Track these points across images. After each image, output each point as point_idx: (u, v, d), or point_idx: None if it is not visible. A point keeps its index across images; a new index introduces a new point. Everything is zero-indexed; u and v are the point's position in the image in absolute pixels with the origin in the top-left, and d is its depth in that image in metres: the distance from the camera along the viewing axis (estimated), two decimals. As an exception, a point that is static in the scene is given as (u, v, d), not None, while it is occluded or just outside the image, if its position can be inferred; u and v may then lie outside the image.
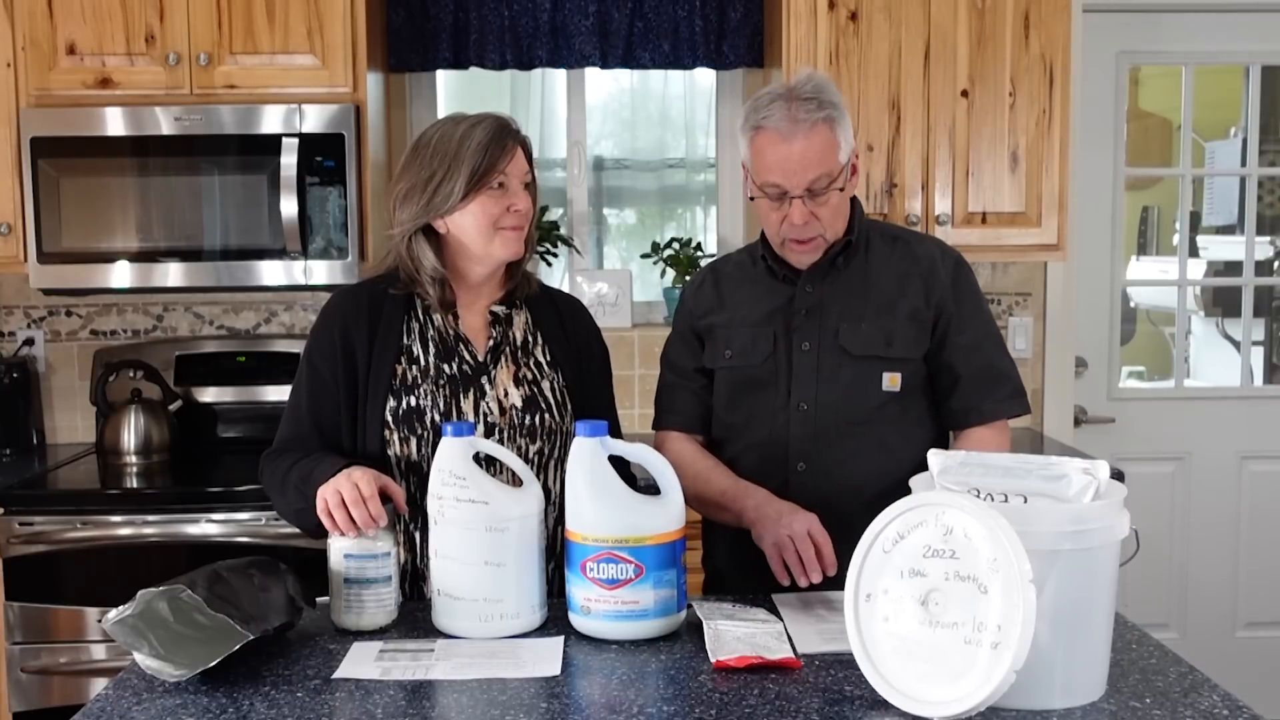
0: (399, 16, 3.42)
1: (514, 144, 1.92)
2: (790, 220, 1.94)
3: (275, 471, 1.92)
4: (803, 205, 1.92)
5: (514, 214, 1.91)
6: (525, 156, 1.96)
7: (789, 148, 1.90)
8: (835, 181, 1.93)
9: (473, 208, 1.89)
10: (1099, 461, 1.42)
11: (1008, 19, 3.13)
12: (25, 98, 3.04)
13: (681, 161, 3.79)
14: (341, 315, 1.97)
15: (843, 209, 1.99)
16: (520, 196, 1.92)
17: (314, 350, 1.97)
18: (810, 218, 1.94)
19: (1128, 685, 1.46)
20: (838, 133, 1.93)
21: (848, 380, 1.98)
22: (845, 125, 1.95)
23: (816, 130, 1.90)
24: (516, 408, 1.94)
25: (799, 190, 1.91)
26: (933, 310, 1.99)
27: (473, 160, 1.87)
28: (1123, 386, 3.84)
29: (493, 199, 1.90)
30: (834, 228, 1.98)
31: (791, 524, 1.81)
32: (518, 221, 1.92)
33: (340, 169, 3.03)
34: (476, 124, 1.91)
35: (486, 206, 1.90)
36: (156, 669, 1.51)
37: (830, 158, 1.92)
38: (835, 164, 1.92)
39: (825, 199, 1.93)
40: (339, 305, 2.00)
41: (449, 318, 1.97)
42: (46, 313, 3.47)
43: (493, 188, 1.89)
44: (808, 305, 2.01)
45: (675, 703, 1.43)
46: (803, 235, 1.95)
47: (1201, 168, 3.96)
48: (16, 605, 2.81)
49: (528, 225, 1.95)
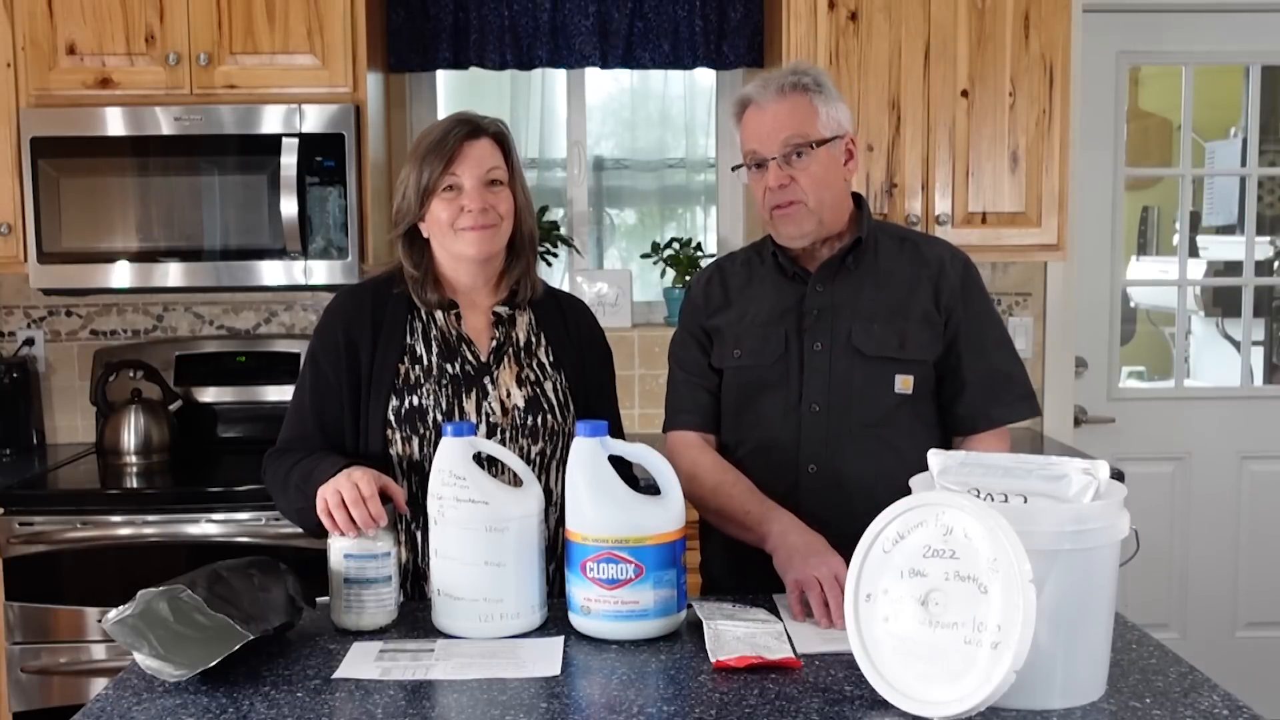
0: (399, 16, 3.42)
1: (466, 142, 1.91)
2: (767, 184, 1.95)
3: (277, 471, 1.92)
4: (779, 168, 1.94)
5: (468, 214, 1.90)
6: (501, 150, 1.94)
7: (763, 113, 1.96)
8: (812, 146, 1.93)
9: (432, 213, 1.92)
10: (1099, 461, 1.42)
11: (1008, 19, 3.13)
12: (25, 98, 3.04)
13: (681, 161, 3.79)
14: (345, 315, 1.97)
15: (829, 182, 1.97)
16: (474, 195, 1.90)
17: (318, 349, 1.97)
18: (788, 180, 1.94)
19: (1128, 685, 1.46)
20: (816, 102, 1.95)
21: (860, 382, 1.96)
22: (829, 101, 1.97)
23: (790, 96, 1.95)
24: (519, 408, 1.94)
25: (774, 152, 1.94)
26: (943, 313, 1.98)
27: (419, 169, 1.91)
28: (1123, 386, 3.84)
29: (444, 202, 1.91)
30: (817, 196, 1.95)
31: (820, 567, 1.76)
32: (474, 221, 1.90)
33: (340, 169, 3.03)
34: (434, 129, 1.94)
35: (439, 211, 1.91)
36: (156, 669, 1.51)
37: (806, 122, 1.94)
38: (812, 129, 1.94)
39: (804, 165, 1.93)
40: (342, 305, 2.00)
41: (451, 317, 1.97)
42: (46, 313, 3.47)
43: (444, 191, 1.90)
44: (819, 305, 1.99)
45: (675, 703, 1.43)
46: (780, 199, 1.95)
47: (1201, 168, 3.96)
48: (16, 605, 2.81)
49: (500, 222, 1.93)
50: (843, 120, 1.98)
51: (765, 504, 1.93)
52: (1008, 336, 2.08)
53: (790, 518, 1.89)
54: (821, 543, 1.82)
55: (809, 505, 1.96)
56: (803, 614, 1.74)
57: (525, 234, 1.99)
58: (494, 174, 1.92)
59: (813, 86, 1.96)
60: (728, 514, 1.97)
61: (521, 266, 2.01)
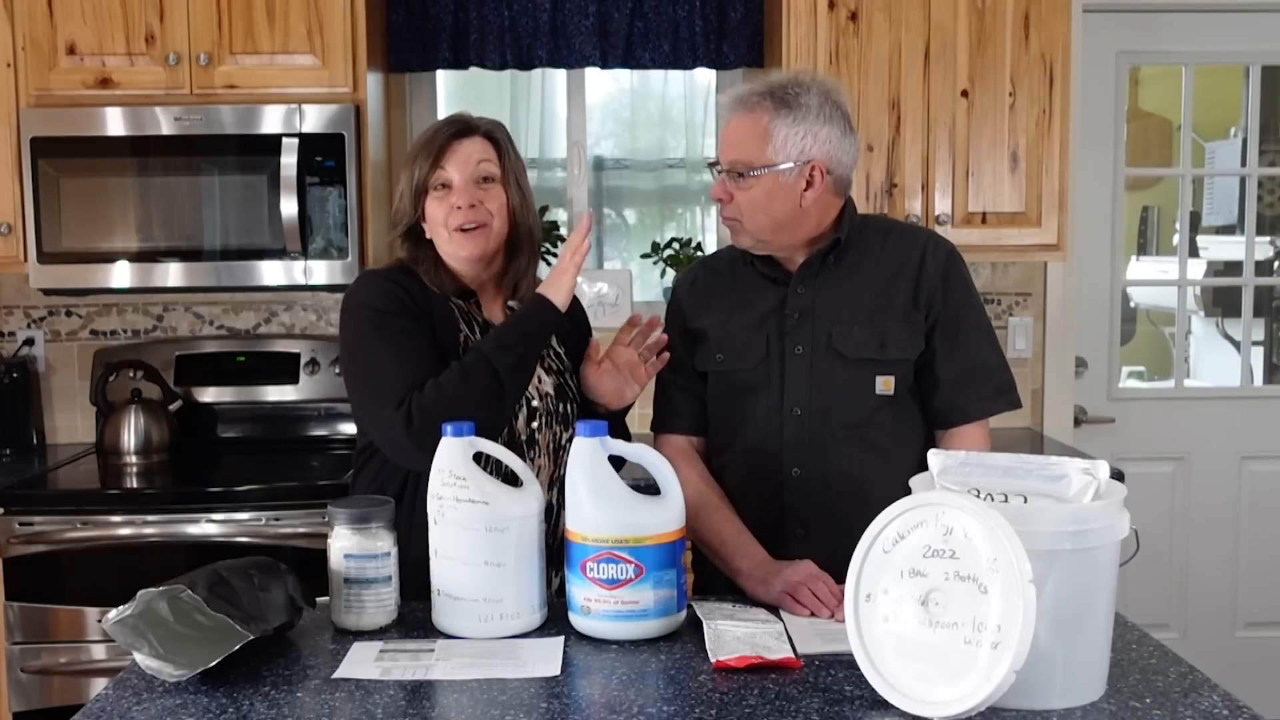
0: (399, 16, 3.42)
1: (455, 140, 1.92)
2: (713, 191, 1.96)
3: (451, 377, 1.80)
4: (721, 184, 1.94)
5: (458, 211, 1.90)
6: (494, 148, 1.95)
7: (726, 124, 1.96)
8: (754, 172, 1.89)
9: (427, 212, 1.93)
10: (1099, 461, 1.42)
11: (1008, 19, 3.13)
12: (25, 98, 3.04)
13: (681, 161, 3.80)
14: (398, 285, 1.93)
15: (769, 208, 1.91)
16: (462, 192, 1.90)
17: (388, 311, 1.88)
18: (727, 197, 1.93)
19: (1128, 685, 1.46)
20: (775, 123, 1.89)
21: (841, 384, 1.95)
22: (798, 122, 1.88)
23: (749, 115, 1.91)
24: (550, 395, 1.96)
25: (723, 164, 1.94)
26: (923, 309, 1.96)
27: (411, 169, 1.92)
28: (1123, 386, 3.84)
29: (436, 200, 1.92)
30: (753, 220, 1.92)
31: (790, 575, 1.79)
32: (465, 218, 1.90)
33: (340, 169, 3.03)
34: (427, 130, 1.96)
35: (433, 209, 1.92)
36: (156, 669, 1.51)
37: (752, 145, 1.90)
38: (757, 155, 1.89)
39: (745, 187, 1.91)
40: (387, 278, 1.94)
41: (473, 304, 1.99)
42: (46, 313, 3.47)
43: (436, 189, 1.91)
44: (800, 308, 1.98)
45: (675, 703, 1.43)
46: (723, 212, 1.96)
47: (1201, 168, 3.96)
48: (16, 605, 2.81)
49: (491, 220, 1.92)
50: (808, 146, 1.89)
51: (740, 536, 1.93)
52: (989, 328, 2.03)
53: (761, 555, 1.89)
54: (788, 562, 1.84)
55: (794, 508, 1.96)
56: (806, 612, 1.75)
57: (524, 232, 1.99)
58: (483, 169, 1.93)
59: (779, 105, 1.89)
60: (702, 539, 1.98)
61: (523, 264, 2.01)
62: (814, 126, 1.90)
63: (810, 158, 1.90)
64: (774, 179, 1.90)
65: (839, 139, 1.93)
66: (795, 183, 1.91)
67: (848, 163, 1.96)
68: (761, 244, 1.97)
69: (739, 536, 1.93)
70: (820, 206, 1.95)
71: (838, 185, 1.96)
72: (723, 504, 1.98)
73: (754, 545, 1.91)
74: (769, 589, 1.81)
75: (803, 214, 1.93)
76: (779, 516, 1.97)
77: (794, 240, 1.97)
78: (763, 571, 1.85)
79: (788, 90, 1.91)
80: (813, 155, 1.90)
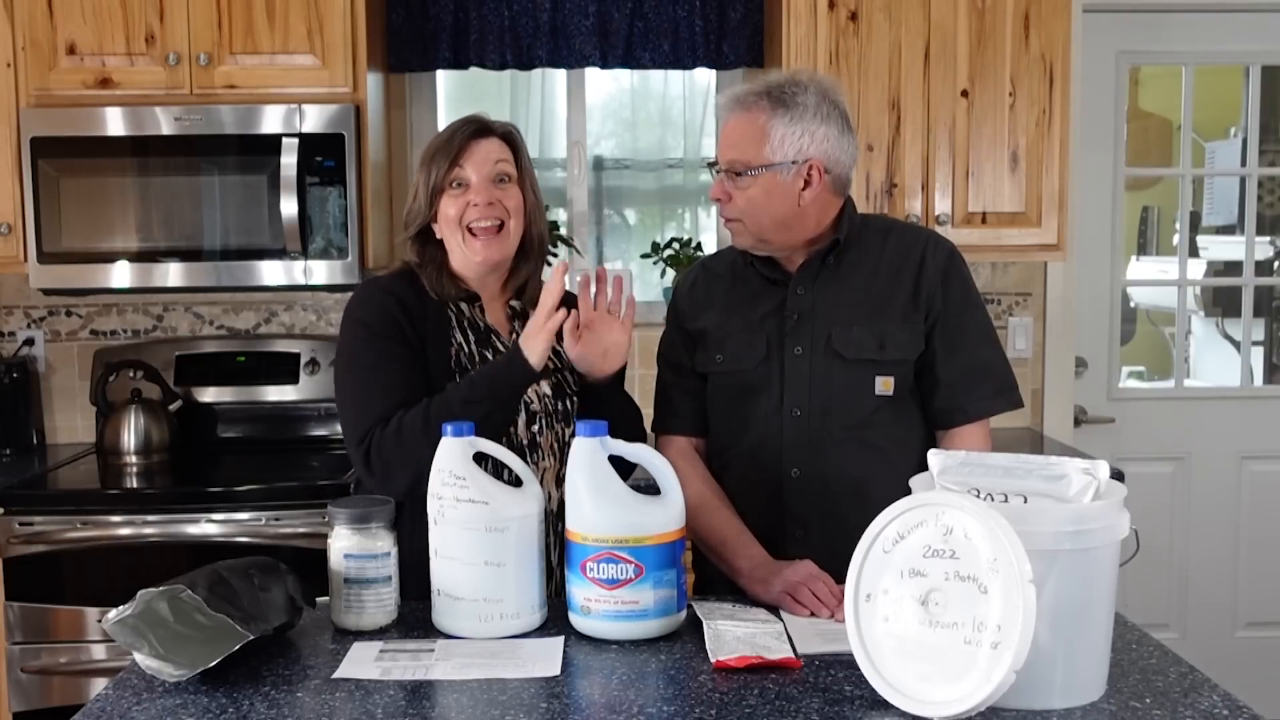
0: (399, 16, 3.42)
1: (473, 140, 1.92)
2: (712, 191, 1.96)
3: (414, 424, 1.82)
4: (721, 183, 1.93)
5: (474, 208, 1.90)
6: (510, 149, 1.95)
7: (724, 123, 1.96)
8: (751, 172, 1.89)
9: (441, 210, 1.93)
10: (1099, 461, 1.42)
11: (1008, 19, 3.13)
12: (25, 98, 3.04)
13: (681, 161, 3.80)
14: (391, 297, 1.94)
15: (769, 207, 1.91)
16: (481, 190, 1.91)
17: (376, 328, 1.90)
18: (726, 197, 1.93)
19: (1128, 685, 1.46)
20: (772, 122, 1.89)
21: (840, 384, 1.95)
22: (796, 121, 1.88)
23: (747, 114, 1.91)
24: (548, 396, 1.97)
25: (721, 164, 1.94)
26: (923, 309, 1.96)
27: (428, 169, 1.92)
28: (1123, 386, 3.84)
29: (452, 199, 1.92)
30: (753, 219, 1.92)
31: (790, 575, 1.80)
32: (481, 214, 1.91)
33: (340, 169, 3.03)
34: (443, 131, 1.96)
35: (447, 207, 1.92)
36: (156, 669, 1.51)
37: (750, 144, 1.90)
38: (755, 154, 1.89)
39: (743, 186, 1.91)
40: (383, 289, 1.96)
41: (475, 309, 1.99)
42: (46, 313, 3.47)
43: (452, 188, 1.91)
44: (800, 309, 1.97)
45: (675, 703, 1.43)
46: (722, 212, 1.96)
47: (1201, 168, 3.96)
48: (16, 605, 2.81)
49: (508, 219, 1.93)
50: (805, 145, 1.89)
51: (741, 536, 1.94)
52: (990, 328, 2.02)
53: (760, 554, 1.89)
54: (788, 564, 1.84)
55: (794, 508, 1.96)
56: (807, 612, 1.75)
57: (535, 236, 2.01)
58: (501, 169, 1.94)
59: (776, 104, 1.89)
60: (701, 539, 1.98)
61: (529, 268, 2.02)
62: (811, 125, 1.90)
63: (808, 157, 1.90)
64: (772, 178, 1.90)
65: (837, 138, 1.92)
66: (793, 182, 1.90)
67: (846, 162, 1.96)
68: (763, 244, 1.97)
69: (739, 536, 1.93)
70: (819, 206, 1.95)
71: (836, 184, 1.96)
72: (723, 504, 1.98)
73: (754, 545, 1.91)
74: (769, 589, 1.81)
75: (802, 213, 1.93)
76: (779, 517, 1.97)
77: (794, 240, 1.96)
78: (763, 571, 1.85)
79: (785, 89, 1.90)
80: (810, 154, 1.90)
